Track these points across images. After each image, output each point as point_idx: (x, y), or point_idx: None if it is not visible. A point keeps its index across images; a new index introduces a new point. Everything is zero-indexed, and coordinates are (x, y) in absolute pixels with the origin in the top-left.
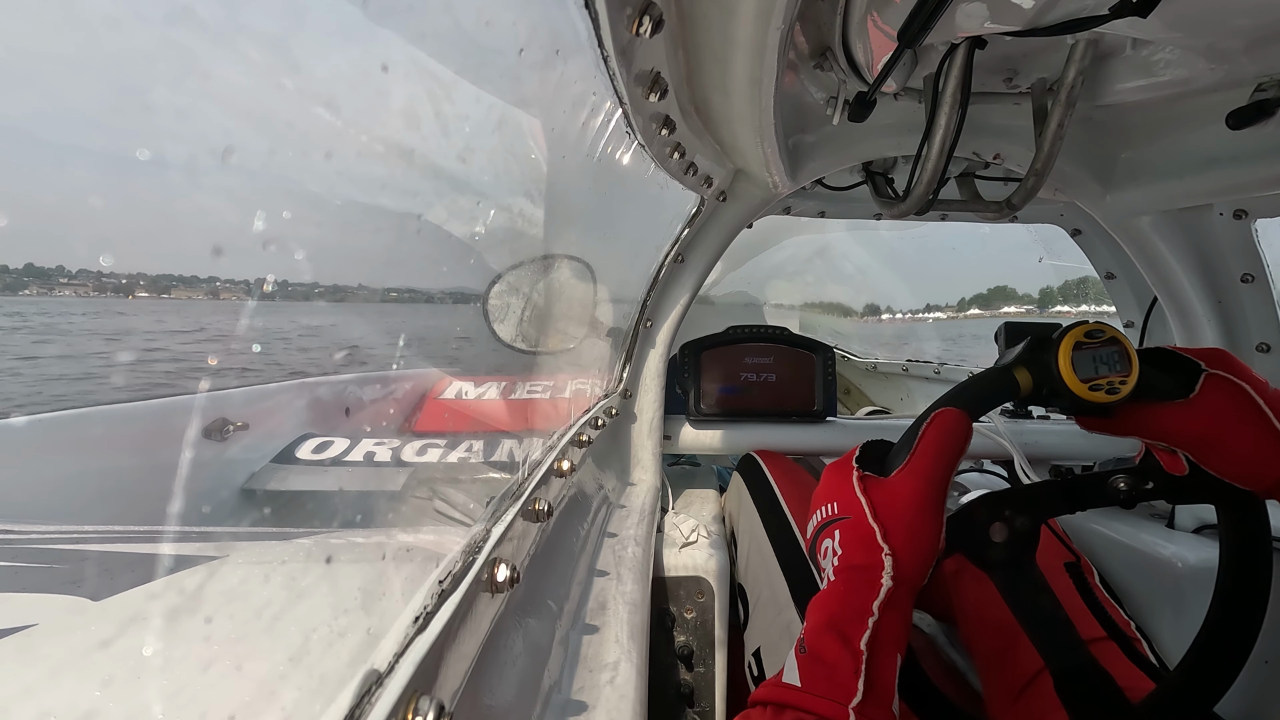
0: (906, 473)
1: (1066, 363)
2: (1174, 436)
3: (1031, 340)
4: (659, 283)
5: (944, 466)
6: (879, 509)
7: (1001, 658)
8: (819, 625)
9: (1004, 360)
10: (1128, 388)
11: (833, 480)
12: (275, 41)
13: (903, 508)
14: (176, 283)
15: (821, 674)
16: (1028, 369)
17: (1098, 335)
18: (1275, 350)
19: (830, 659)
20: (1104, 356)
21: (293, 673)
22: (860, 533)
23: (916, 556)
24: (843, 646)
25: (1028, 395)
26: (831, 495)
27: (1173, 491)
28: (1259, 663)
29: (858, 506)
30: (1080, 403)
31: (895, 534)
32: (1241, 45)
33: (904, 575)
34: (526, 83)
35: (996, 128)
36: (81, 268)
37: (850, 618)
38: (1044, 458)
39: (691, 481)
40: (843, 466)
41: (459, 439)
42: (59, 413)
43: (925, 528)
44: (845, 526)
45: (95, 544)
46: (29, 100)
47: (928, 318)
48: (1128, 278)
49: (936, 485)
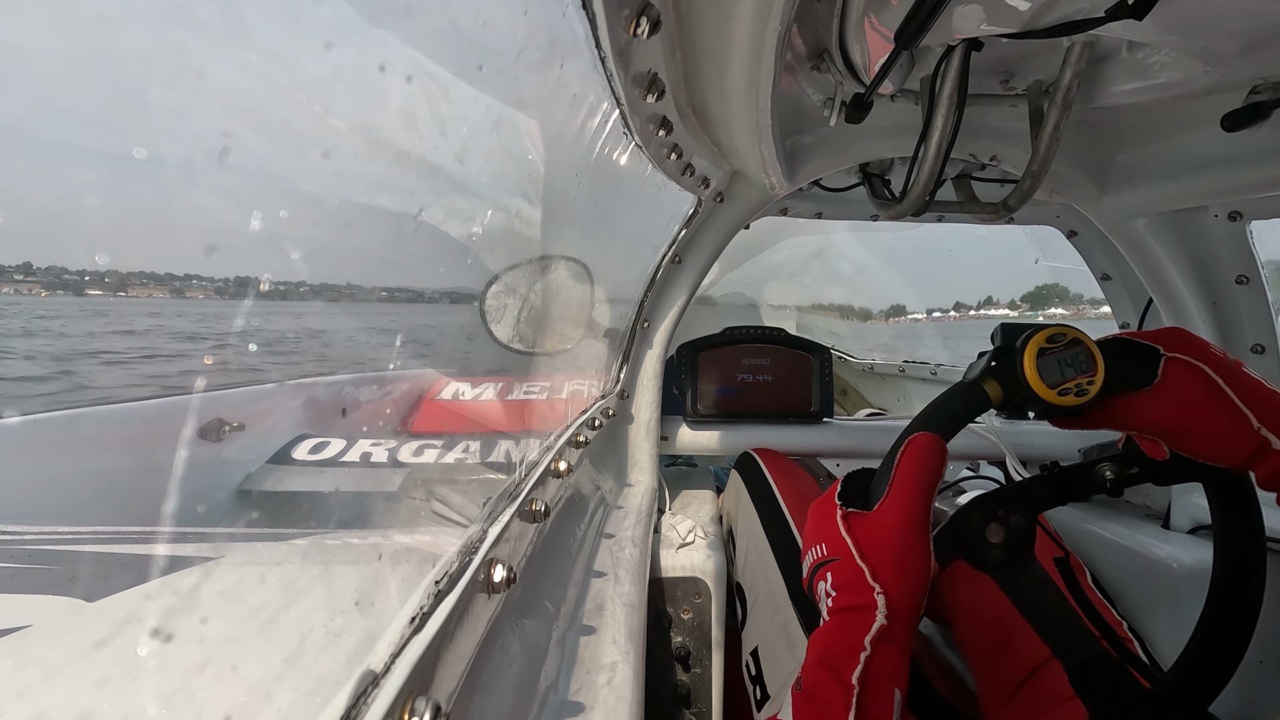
0: (887, 506)
1: (1033, 370)
2: (1146, 426)
3: (995, 350)
4: (656, 284)
5: (923, 494)
6: (865, 548)
7: (996, 655)
8: (813, 662)
9: (971, 374)
10: (1095, 388)
11: (819, 519)
12: (272, 41)
13: (889, 543)
14: (173, 281)
15: (813, 710)
16: (996, 380)
17: (1059, 339)
18: (1270, 351)
19: (822, 694)
20: (1068, 359)
21: (288, 673)
22: (850, 574)
23: (908, 590)
24: (834, 681)
25: (1000, 406)
26: (820, 536)
27: (1157, 475)
28: (1253, 663)
29: (844, 547)
30: (1051, 408)
31: (884, 571)
32: (1236, 48)
33: (897, 611)
34: (524, 83)
35: (993, 129)
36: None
37: (842, 653)
38: (1039, 458)
39: (688, 482)
40: (826, 504)
41: (455, 440)
42: (53, 412)
43: (913, 559)
44: (836, 569)
45: (90, 545)
46: (25, 99)
47: (985, 314)
48: (1123, 279)
49: (917, 514)
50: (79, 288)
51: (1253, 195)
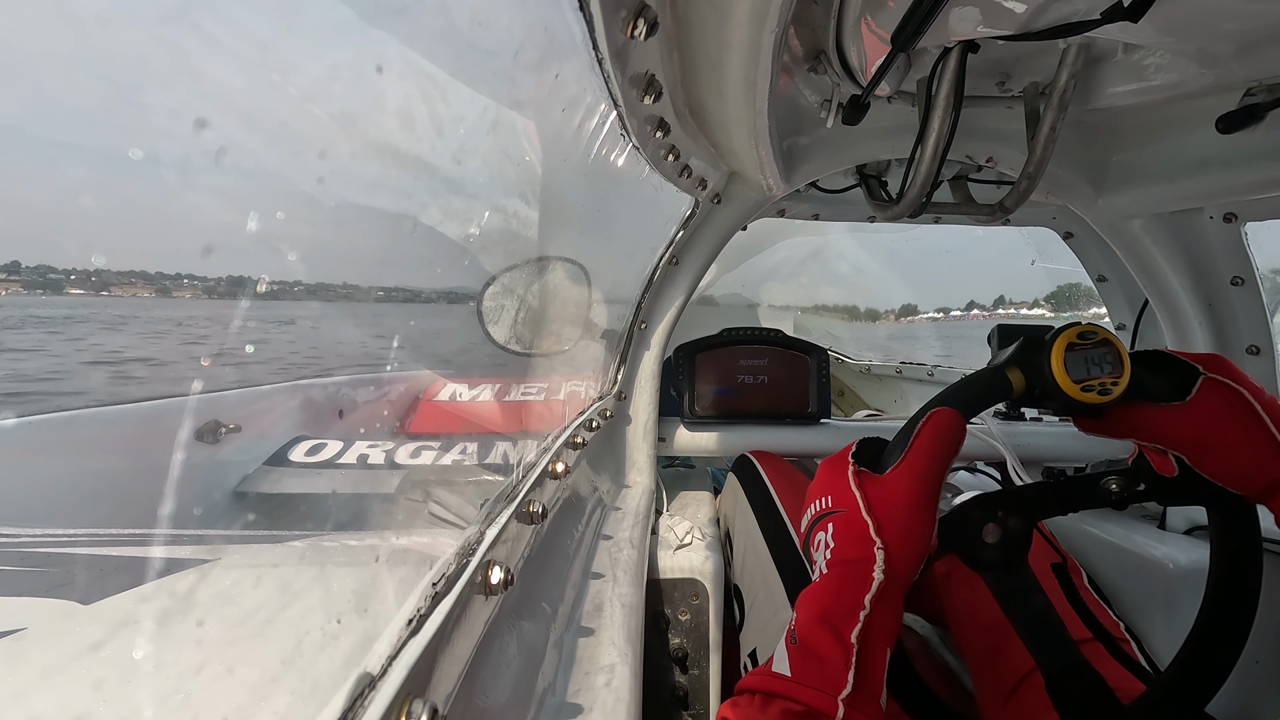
0: (902, 470)
1: (1059, 364)
2: (1168, 438)
3: (1024, 341)
4: (654, 285)
5: (938, 465)
6: (873, 504)
7: (993, 658)
8: (811, 618)
9: (997, 361)
10: (1119, 389)
11: (828, 474)
12: (270, 42)
13: (897, 504)
14: (166, 281)
15: (813, 666)
16: (1020, 370)
17: (1090, 337)
18: (1265, 353)
19: (822, 651)
20: (1096, 358)
21: (285, 676)
22: (854, 527)
23: (908, 552)
24: (834, 639)
25: (1020, 396)
26: (826, 489)
27: (1164, 493)
28: (1250, 662)
29: (852, 501)
30: (1072, 403)
31: (889, 529)
32: (1231, 50)
33: (895, 570)
34: (521, 85)
35: (989, 131)
36: (74, 265)
37: (842, 612)
38: (1036, 459)
39: (686, 483)
40: (838, 461)
41: (453, 441)
42: (50, 414)
43: (918, 525)
44: (839, 520)
45: (85, 547)
46: (22, 98)
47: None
48: (1119, 280)
49: (930, 483)
50: (59, 286)
51: (1248, 197)
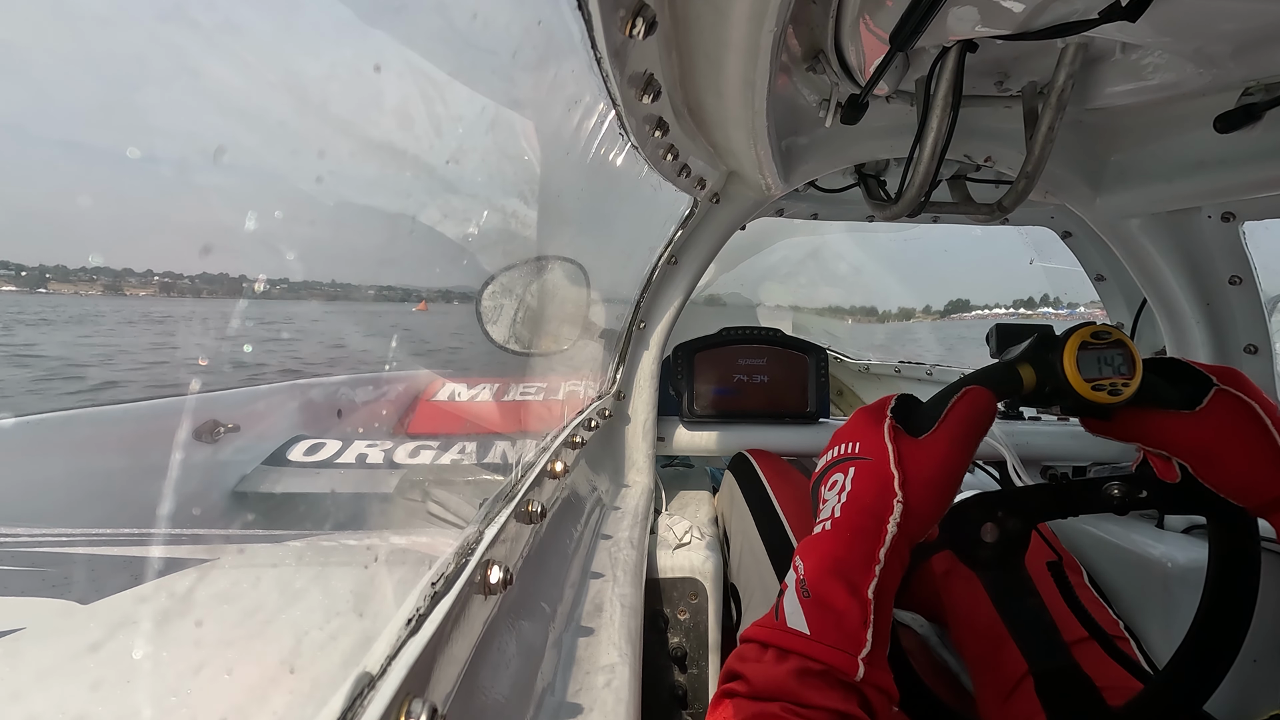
0: (939, 435)
1: (1071, 362)
2: (1175, 445)
3: (1038, 337)
4: (652, 284)
5: (972, 437)
6: (905, 459)
7: (991, 658)
8: (823, 569)
9: (1009, 356)
10: (1130, 390)
11: (861, 423)
12: (268, 41)
13: (927, 464)
14: (164, 280)
15: (831, 622)
16: (1032, 365)
17: (1104, 337)
18: (1263, 352)
19: (839, 606)
20: (1109, 358)
21: (284, 676)
22: (879, 475)
23: (926, 513)
24: (850, 594)
25: (1030, 392)
26: (856, 435)
27: (1166, 501)
28: (1247, 661)
29: (883, 451)
30: (1082, 402)
31: (913, 486)
32: (1229, 49)
33: (908, 528)
34: (520, 84)
35: (987, 130)
36: (72, 264)
37: (856, 565)
38: (1035, 458)
39: (685, 483)
40: (876, 411)
41: (452, 441)
42: (48, 414)
43: (942, 490)
44: (863, 466)
45: (84, 547)
46: (20, 98)
47: None
48: (1117, 280)
49: (963, 453)
50: (37, 282)
51: (1245, 196)
